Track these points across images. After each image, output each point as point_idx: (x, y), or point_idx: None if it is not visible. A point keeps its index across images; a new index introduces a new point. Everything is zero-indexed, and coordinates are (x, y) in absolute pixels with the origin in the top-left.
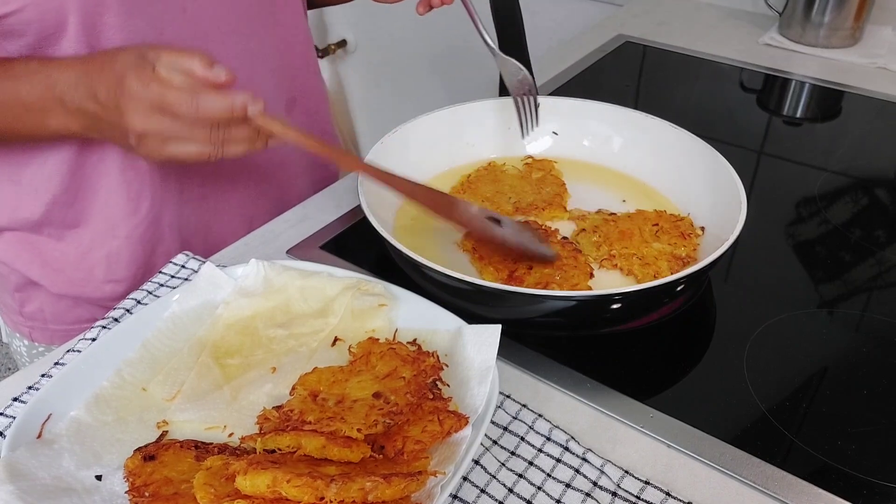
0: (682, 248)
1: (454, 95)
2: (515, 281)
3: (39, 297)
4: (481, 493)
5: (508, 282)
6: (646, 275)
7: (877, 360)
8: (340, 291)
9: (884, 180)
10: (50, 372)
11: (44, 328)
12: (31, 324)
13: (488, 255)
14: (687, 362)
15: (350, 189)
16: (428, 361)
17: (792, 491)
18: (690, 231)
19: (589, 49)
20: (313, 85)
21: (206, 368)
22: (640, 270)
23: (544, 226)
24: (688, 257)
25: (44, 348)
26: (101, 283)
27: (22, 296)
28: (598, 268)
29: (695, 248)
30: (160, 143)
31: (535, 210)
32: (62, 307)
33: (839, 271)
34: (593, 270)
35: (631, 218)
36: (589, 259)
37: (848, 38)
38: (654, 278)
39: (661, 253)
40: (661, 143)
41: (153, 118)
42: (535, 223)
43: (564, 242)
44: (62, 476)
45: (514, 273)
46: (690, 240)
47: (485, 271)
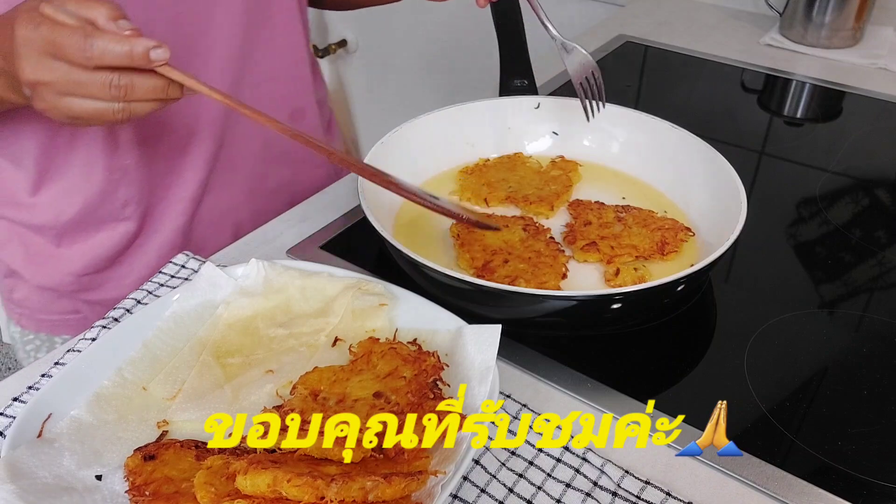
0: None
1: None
2: (487, 272)
3: (24, 287)
4: (481, 493)
5: (482, 271)
6: (622, 259)
7: (877, 361)
8: (341, 291)
9: (884, 181)
10: (50, 372)
11: (31, 316)
12: (19, 311)
13: (469, 243)
14: (687, 362)
15: (350, 189)
16: (429, 361)
17: (792, 491)
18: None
19: (590, 49)
20: (315, 94)
21: (206, 368)
22: (614, 251)
23: (538, 223)
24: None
25: (33, 335)
26: (79, 276)
27: (10, 282)
28: (581, 260)
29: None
30: (55, 95)
31: (524, 203)
32: (45, 299)
33: (840, 272)
34: (568, 272)
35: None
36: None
37: (849, 39)
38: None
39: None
40: (662, 143)
41: (44, 63)
42: (529, 219)
43: (550, 242)
44: (63, 475)
45: (489, 264)
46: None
47: (462, 258)
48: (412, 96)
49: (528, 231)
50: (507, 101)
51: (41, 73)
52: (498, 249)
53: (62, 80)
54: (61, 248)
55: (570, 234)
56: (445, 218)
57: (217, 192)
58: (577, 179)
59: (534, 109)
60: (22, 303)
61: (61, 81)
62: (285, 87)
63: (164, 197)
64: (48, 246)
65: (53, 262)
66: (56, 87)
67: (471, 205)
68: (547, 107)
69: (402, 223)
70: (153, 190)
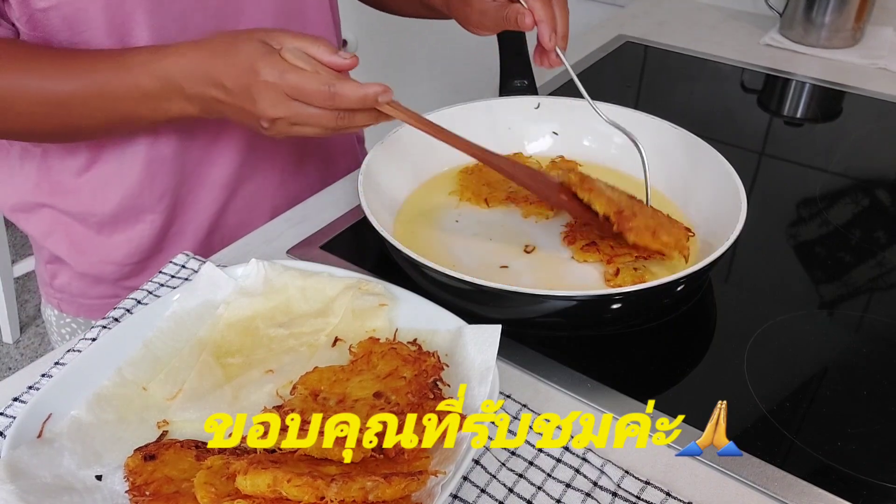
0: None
1: (454, 95)
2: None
3: (67, 273)
4: (481, 493)
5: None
6: (622, 259)
7: (877, 361)
8: (341, 291)
9: (884, 181)
10: (50, 372)
11: (71, 300)
12: (59, 296)
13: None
14: (687, 362)
15: (350, 189)
16: (429, 361)
17: (792, 491)
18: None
19: (590, 49)
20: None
21: (207, 368)
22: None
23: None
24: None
25: (70, 319)
26: (121, 266)
27: (52, 268)
28: (581, 260)
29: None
30: (288, 126)
31: (524, 202)
32: (85, 284)
33: (839, 272)
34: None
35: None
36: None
37: (849, 39)
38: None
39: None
40: (662, 143)
41: (287, 104)
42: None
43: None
44: (63, 475)
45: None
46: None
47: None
48: (412, 96)
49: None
50: (507, 101)
51: (281, 110)
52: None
53: (299, 115)
54: (102, 236)
55: (569, 234)
56: (445, 218)
57: (251, 180)
58: None
59: (534, 109)
60: (63, 288)
61: (298, 116)
62: None
63: (198, 185)
64: (91, 234)
65: (96, 251)
66: (291, 119)
67: (471, 205)
68: (547, 107)
69: (402, 223)
70: (187, 178)
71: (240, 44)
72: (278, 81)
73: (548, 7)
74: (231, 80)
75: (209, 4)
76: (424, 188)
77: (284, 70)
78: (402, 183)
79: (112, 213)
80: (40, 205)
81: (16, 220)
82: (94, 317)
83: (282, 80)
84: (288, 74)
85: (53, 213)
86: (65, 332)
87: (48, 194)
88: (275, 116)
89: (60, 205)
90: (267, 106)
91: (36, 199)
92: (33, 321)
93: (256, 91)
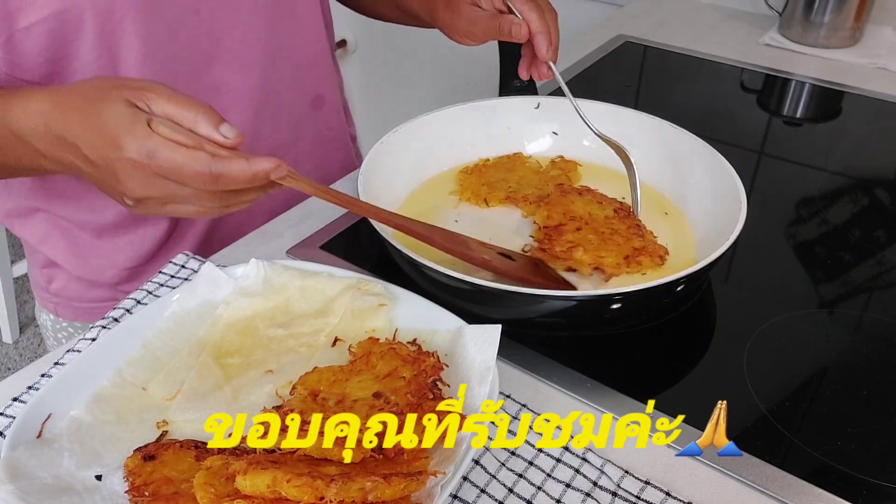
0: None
1: (454, 95)
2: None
3: (63, 277)
4: (481, 493)
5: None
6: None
7: (877, 360)
8: (340, 291)
9: (884, 180)
10: (50, 372)
11: (68, 305)
12: (55, 300)
13: (555, 204)
14: (687, 362)
15: (350, 189)
16: (428, 361)
17: (792, 491)
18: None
19: (589, 49)
20: (336, 82)
21: (206, 368)
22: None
23: (634, 215)
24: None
25: (67, 323)
26: (120, 270)
27: (48, 272)
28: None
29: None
30: (159, 205)
31: (524, 202)
32: (82, 287)
33: (839, 272)
34: (641, 263)
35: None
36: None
37: (848, 39)
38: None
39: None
40: (661, 142)
41: (157, 184)
42: (627, 206)
43: (634, 227)
44: (62, 475)
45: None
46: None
47: (539, 213)
48: (412, 96)
49: (619, 214)
50: (507, 101)
51: (152, 191)
52: (578, 217)
53: (174, 195)
54: (102, 241)
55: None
56: (445, 218)
57: None
58: (577, 179)
59: (534, 109)
60: (60, 292)
61: (172, 196)
62: (309, 75)
63: None
64: (91, 239)
65: (96, 256)
66: (162, 200)
67: (470, 205)
68: (547, 107)
69: None
70: None
71: (100, 104)
72: (147, 162)
73: (543, 19)
74: (90, 151)
75: (201, 9)
76: (424, 188)
77: (154, 148)
78: (402, 182)
79: (114, 221)
80: (35, 209)
81: (10, 226)
82: (91, 320)
83: (150, 160)
84: (159, 153)
85: (49, 217)
86: (61, 337)
87: (44, 199)
88: (143, 196)
89: (59, 210)
90: (134, 185)
91: (31, 203)
92: (33, 321)
93: (120, 168)
